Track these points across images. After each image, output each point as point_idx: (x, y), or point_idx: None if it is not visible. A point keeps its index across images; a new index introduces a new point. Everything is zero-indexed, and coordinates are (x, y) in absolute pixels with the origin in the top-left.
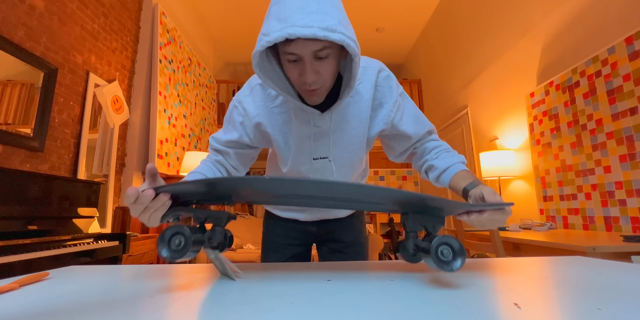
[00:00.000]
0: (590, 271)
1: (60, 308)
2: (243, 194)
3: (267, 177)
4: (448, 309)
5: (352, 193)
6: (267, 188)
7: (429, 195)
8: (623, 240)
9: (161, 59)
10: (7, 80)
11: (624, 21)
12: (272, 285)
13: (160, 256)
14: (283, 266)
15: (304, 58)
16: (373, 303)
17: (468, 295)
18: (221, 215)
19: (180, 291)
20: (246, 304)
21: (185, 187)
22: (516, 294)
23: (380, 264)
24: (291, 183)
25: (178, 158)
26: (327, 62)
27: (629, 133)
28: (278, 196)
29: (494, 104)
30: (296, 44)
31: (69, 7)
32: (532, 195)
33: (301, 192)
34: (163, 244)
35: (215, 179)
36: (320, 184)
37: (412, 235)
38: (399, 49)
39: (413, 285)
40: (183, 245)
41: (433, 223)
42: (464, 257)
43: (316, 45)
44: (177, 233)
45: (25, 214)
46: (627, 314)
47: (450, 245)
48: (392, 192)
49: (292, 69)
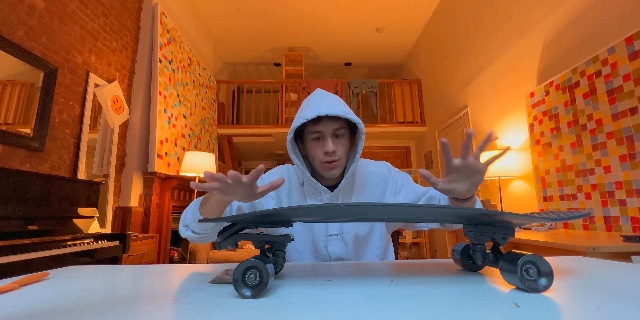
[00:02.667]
0: (590, 271)
1: (60, 308)
2: (307, 218)
3: (342, 204)
4: (448, 309)
5: (423, 213)
6: (338, 213)
7: (503, 212)
8: (623, 240)
9: (161, 59)
10: (7, 80)
11: (624, 21)
12: (272, 286)
13: (243, 296)
14: (283, 266)
15: (326, 134)
16: (373, 303)
17: (468, 295)
18: (283, 240)
19: (180, 291)
20: (246, 304)
21: (253, 217)
22: (516, 294)
23: (380, 264)
24: (364, 208)
25: (178, 158)
26: (342, 140)
27: (629, 133)
28: (340, 216)
29: (494, 104)
30: (322, 124)
31: (69, 7)
32: (532, 195)
33: (365, 216)
34: (240, 283)
35: (293, 207)
36: (395, 208)
37: (479, 247)
38: (399, 49)
39: (413, 285)
40: (259, 280)
41: (502, 235)
42: (551, 277)
43: (335, 125)
44: (250, 268)
45: (25, 214)
46: (627, 314)
47: (536, 265)
48: (462, 210)
49: (316, 146)
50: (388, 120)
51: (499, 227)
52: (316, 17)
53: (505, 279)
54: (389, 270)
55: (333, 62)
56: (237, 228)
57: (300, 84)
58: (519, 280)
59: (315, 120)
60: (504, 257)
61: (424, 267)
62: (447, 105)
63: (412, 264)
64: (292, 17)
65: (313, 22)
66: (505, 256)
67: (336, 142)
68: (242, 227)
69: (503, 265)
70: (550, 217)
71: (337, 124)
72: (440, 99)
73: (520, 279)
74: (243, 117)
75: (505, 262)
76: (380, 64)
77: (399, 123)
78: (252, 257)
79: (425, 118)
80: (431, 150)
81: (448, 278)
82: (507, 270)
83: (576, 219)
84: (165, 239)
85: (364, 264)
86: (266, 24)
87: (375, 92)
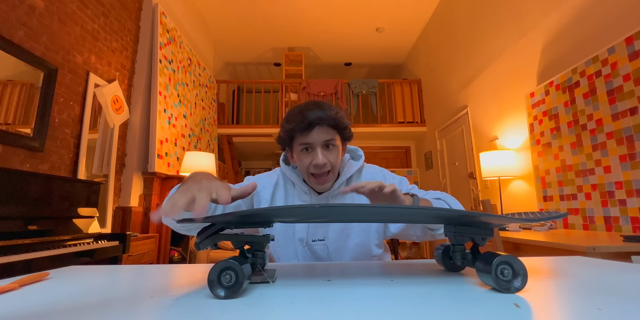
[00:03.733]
0: (590, 271)
1: (60, 308)
2: (286, 218)
3: (317, 205)
4: (448, 309)
5: (398, 214)
6: (316, 214)
7: (481, 213)
8: (623, 240)
9: (161, 59)
10: (7, 80)
11: (624, 21)
12: (272, 286)
13: (217, 297)
14: (283, 266)
15: (315, 146)
16: (373, 303)
17: (468, 295)
18: (262, 240)
19: (180, 291)
20: (246, 304)
21: (231, 218)
22: (516, 294)
23: (380, 264)
24: (339, 209)
25: (178, 158)
26: (334, 151)
27: (629, 133)
28: (322, 217)
29: (494, 104)
30: (312, 134)
31: (69, 7)
32: (532, 195)
33: (346, 217)
34: (215, 284)
35: (271, 208)
36: (371, 208)
37: (459, 248)
38: (399, 49)
39: (413, 285)
40: (234, 280)
41: (482, 235)
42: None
43: (326, 136)
44: (226, 269)
45: (25, 214)
46: (627, 314)
47: (511, 266)
48: (443, 211)
49: (305, 157)
50: (388, 120)
51: (478, 227)
52: (316, 17)
53: (481, 279)
54: (389, 270)
55: (333, 62)
56: (216, 228)
57: (300, 84)
58: (493, 280)
59: (305, 130)
60: (480, 258)
61: (424, 267)
62: (447, 105)
63: (412, 264)
64: (292, 17)
65: (313, 22)
66: (481, 256)
67: (327, 153)
68: (221, 227)
69: (479, 266)
70: (529, 217)
71: (328, 135)
72: (440, 99)
73: (495, 279)
74: (243, 117)
75: (481, 262)
76: (380, 64)
77: (399, 123)
78: (228, 258)
79: (425, 118)
80: (431, 150)
81: (448, 278)
82: (482, 270)
83: (554, 219)
84: (165, 239)
85: (364, 263)
86: (266, 24)
87: (375, 92)
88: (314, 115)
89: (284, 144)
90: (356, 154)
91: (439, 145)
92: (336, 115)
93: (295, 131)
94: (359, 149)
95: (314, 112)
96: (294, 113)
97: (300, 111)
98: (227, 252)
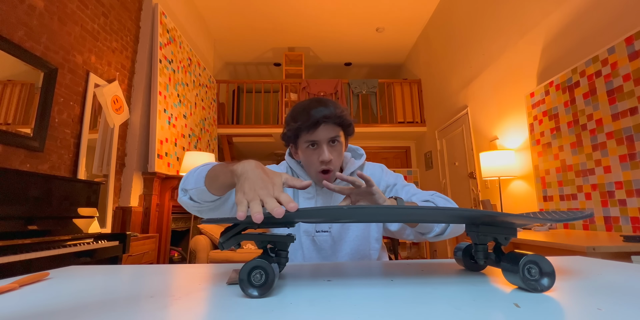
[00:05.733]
0: (590, 271)
1: (60, 308)
2: (309, 218)
3: (346, 207)
4: (448, 309)
5: (422, 215)
6: (341, 215)
7: (506, 213)
8: (623, 240)
9: (161, 59)
10: (7, 80)
11: (624, 21)
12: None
13: (249, 296)
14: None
15: (322, 143)
16: (373, 303)
17: (468, 295)
18: (286, 240)
19: (180, 291)
20: (246, 304)
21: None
22: (516, 294)
23: (380, 264)
24: (367, 210)
25: (178, 158)
26: (338, 146)
27: (629, 133)
28: (343, 218)
29: (494, 104)
30: (318, 131)
31: (69, 7)
32: (532, 195)
33: (372, 217)
34: (246, 283)
35: (302, 210)
36: (395, 210)
37: (481, 247)
38: (399, 49)
39: (413, 285)
40: (265, 279)
41: (505, 235)
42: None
43: (332, 133)
44: (256, 267)
45: (25, 214)
46: (627, 314)
47: (538, 265)
48: (467, 212)
49: (311, 153)
50: (388, 120)
51: (501, 227)
52: (316, 17)
53: (507, 278)
54: (389, 270)
55: (333, 62)
56: (240, 228)
57: (300, 84)
58: (521, 280)
59: (312, 128)
60: (506, 257)
61: (424, 267)
62: (447, 105)
63: (412, 264)
64: (292, 17)
65: (313, 22)
66: (507, 256)
67: (331, 149)
68: (244, 227)
69: (505, 265)
70: (554, 217)
71: (333, 132)
72: (440, 99)
73: (522, 278)
74: (243, 117)
75: (507, 262)
76: (380, 64)
77: (398, 123)
78: (257, 257)
79: (425, 118)
80: (431, 150)
81: (448, 278)
82: (509, 270)
83: (579, 219)
84: (165, 239)
85: (364, 263)
86: (266, 24)
87: (375, 92)
88: (319, 113)
89: (289, 140)
90: (357, 153)
91: (439, 145)
92: (341, 113)
93: (301, 129)
94: (360, 149)
95: (319, 110)
96: (299, 111)
97: (306, 109)
98: (227, 253)
